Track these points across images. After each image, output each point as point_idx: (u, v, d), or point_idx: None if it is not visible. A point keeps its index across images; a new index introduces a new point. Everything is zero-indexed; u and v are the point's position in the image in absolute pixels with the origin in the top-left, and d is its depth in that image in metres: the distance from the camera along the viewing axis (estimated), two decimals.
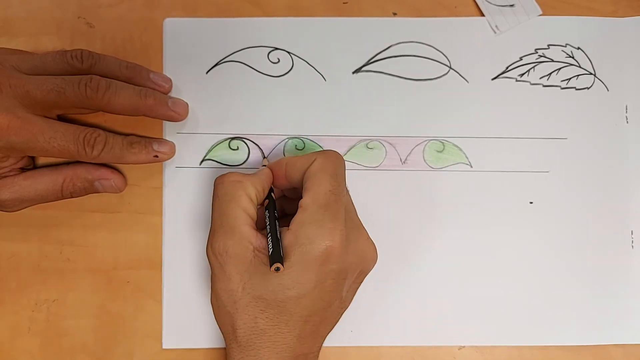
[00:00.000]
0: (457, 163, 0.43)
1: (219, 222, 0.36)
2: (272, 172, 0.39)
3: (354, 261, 0.36)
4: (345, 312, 0.39)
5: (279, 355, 0.35)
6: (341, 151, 0.43)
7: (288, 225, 0.36)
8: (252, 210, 0.37)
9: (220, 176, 0.37)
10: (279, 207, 0.40)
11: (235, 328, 0.35)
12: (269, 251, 0.35)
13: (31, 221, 0.42)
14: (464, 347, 0.43)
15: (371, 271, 0.38)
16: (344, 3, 0.44)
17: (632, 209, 0.43)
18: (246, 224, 0.36)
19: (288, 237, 0.35)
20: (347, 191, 0.39)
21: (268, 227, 0.36)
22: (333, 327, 0.38)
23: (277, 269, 0.34)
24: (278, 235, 0.36)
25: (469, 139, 0.43)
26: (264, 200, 0.38)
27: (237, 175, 0.37)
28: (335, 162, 0.37)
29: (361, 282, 0.39)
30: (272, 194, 0.39)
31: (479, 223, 0.43)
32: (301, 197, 0.36)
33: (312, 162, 0.37)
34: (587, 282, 0.43)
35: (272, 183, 0.39)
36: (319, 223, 0.35)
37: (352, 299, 0.39)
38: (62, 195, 0.40)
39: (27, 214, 0.41)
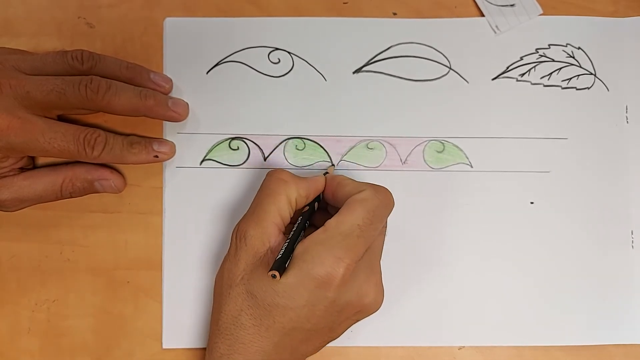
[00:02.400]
0: (457, 163, 0.43)
1: (253, 209, 0.37)
2: (326, 183, 0.39)
3: (352, 299, 0.36)
4: None
5: (252, 356, 0.35)
6: (341, 151, 0.43)
7: None
8: (286, 211, 0.37)
9: (273, 170, 0.39)
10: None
11: (220, 311, 0.36)
12: (277, 255, 0.35)
13: (31, 221, 0.42)
14: (464, 347, 0.43)
15: None
16: (344, 3, 0.44)
17: (632, 208, 0.43)
18: (273, 222, 0.37)
19: (299, 248, 0.36)
20: (384, 234, 0.39)
21: (292, 232, 0.37)
22: (316, 351, 0.38)
23: (274, 276, 0.34)
24: (294, 246, 0.36)
25: (469, 139, 0.43)
26: (305, 207, 0.39)
27: (286, 175, 0.38)
28: (381, 200, 0.37)
29: (357, 321, 0.38)
30: (316, 203, 0.39)
31: (480, 223, 0.43)
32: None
33: (360, 192, 0.37)
34: (587, 282, 0.43)
35: (323, 192, 0.39)
36: (329, 248, 0.35)
37: (343, 332, 0.38)
38: (61, 195, 0.40)
39: (27, 214, 0.41)
